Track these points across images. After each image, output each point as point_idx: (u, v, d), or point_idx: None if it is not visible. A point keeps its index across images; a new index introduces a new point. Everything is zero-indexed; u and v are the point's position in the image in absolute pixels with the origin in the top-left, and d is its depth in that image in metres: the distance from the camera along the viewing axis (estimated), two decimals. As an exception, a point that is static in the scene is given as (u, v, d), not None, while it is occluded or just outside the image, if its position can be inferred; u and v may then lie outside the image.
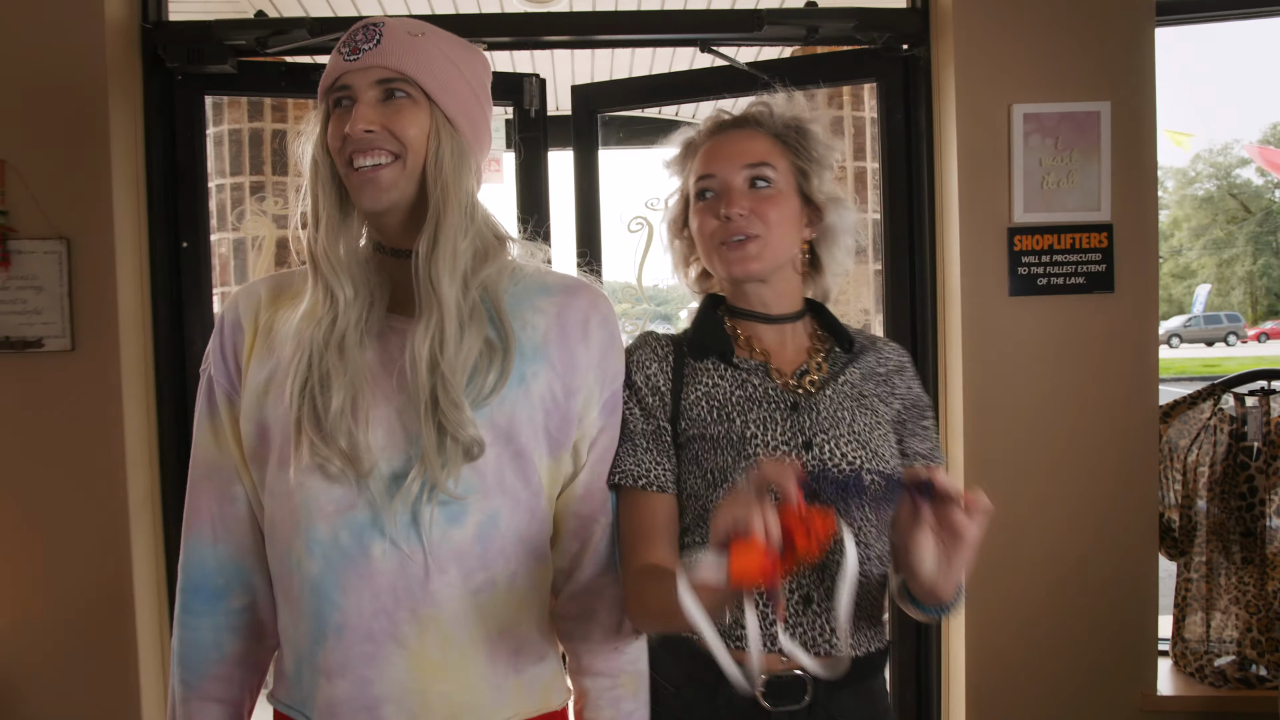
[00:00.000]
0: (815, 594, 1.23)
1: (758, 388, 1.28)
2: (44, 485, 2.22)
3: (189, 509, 1.25)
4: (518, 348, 1.17)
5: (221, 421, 1.22)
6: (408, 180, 1.13)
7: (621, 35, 2.63)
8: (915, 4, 2.49)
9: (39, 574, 2.23)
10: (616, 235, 2.74)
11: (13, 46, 2.19)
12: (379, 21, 1.15)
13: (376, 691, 1.12)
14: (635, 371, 1.31)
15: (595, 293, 1.26)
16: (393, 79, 1.12)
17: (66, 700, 2.24)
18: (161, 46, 2.38)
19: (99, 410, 2.23)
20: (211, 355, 1.24)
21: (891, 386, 1.34)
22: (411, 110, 1.13)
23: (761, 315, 1.33)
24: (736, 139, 1.32)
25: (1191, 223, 36.86)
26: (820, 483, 1.19)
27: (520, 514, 1.18)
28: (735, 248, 1.28)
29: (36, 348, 2.19)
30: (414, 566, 1.12)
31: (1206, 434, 2.41)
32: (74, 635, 2.24)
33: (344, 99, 1.14)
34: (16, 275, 2.17)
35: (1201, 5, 2.45)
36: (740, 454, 1.23)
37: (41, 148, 2.20)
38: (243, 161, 4.05)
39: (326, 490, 1.12)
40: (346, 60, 1.13)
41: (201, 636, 1.23)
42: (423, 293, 1.12)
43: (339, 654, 1.12)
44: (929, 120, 2.46)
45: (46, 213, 2.19)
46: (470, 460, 1.12)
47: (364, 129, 1.10)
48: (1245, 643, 2.38)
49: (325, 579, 1.12)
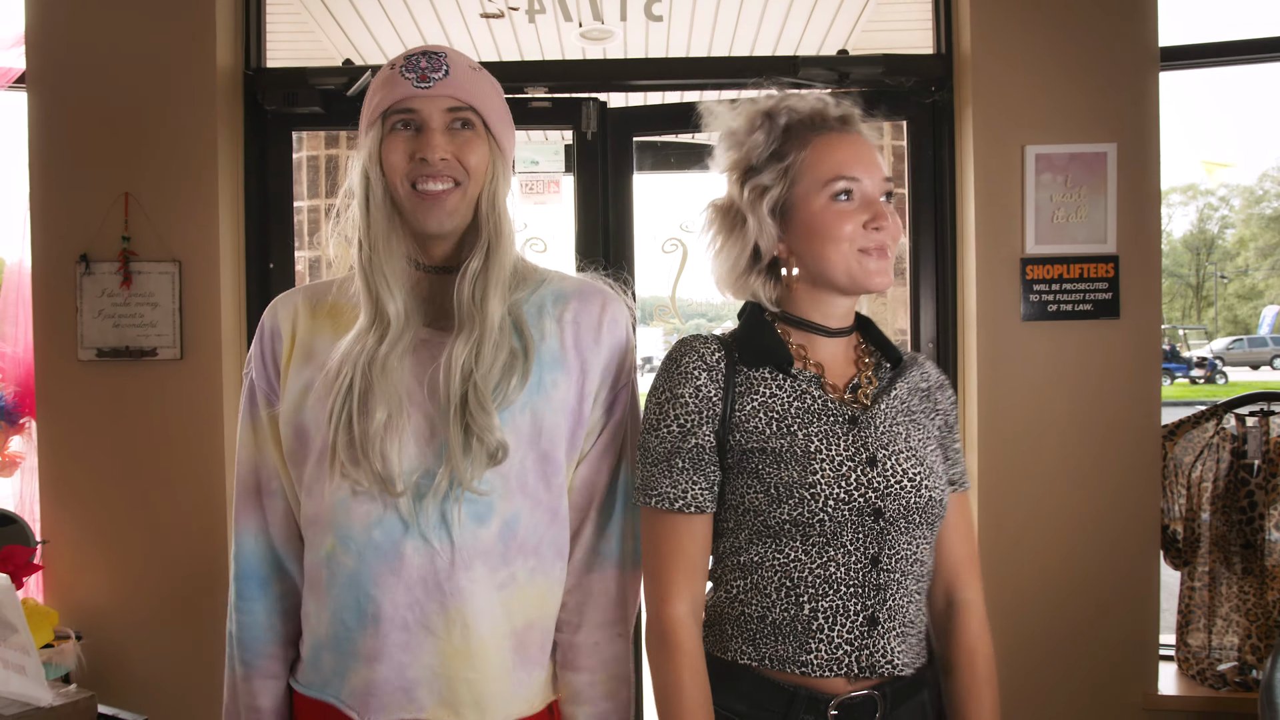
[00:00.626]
0: (880, 614, 1.21)
1: (816, 399, 1.24)
2: (152, 475, 2.52)
3: (238, 504, 1.32)
4: (538, 356, 1.23)
5: (262, 422, 1.29)
6: (467, 206, 1.21)
7: (669, 80, 2.87)
8: (940, 50, 2.71)
9: (145, 554, 2.53)
10: (650, 255, 2.91)
11: (137, 92, 2.51)
12: (441, 51, 1.21)
13: (411, 675, 1.20)
14: (681, 382, 1.24)
15: (607, 295, 1.31)
16: (461, 108, 1.20)
17: (164, 663, 2.52)
18: (261, 91, 2.68)
19: (202, 412, 2.52)
20: (253, 360, 1.31)
21: (934, 403, 1.34)
22: (476, 141, 1.21)
23: (822, 328, 1.28)
24: (859, 144, 1.27)
25: (1259, 242, 35.96)
26: (885, 500, 1.20)
27: (541, 514, 1.24)
28: (880, 258, 1.23)
29: (151, 356, 2.50)
30: (442, 562, 1.18)
31: (1209, 451, 2.58)
32: (173, 608, 2.53)
33: (409, 122, 1.20)
34: (136, 293, 2.48)
35: (1203, 52, 2.63)
36: (805, 469, 1.19)
37: (159, 180, 2.51)
38: (319, 186, 4.38)
39: (359, 502, 1.19)
40: (416, 86, 1.18)
41: (257, 620, 1.31)
42: (465, 309, 1.19)
43: (376, 641, 1.19)
44: (952, 158, 2.67)
45: (162, 238, 2.50)
46: (495, 463, 1.18)
47: (441, 156, 1.18)
48: (1245, 648, 2.53)
49: (361, 573, 1.19)
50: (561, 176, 4.33)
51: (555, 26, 3.22)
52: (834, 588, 1.19)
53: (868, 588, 1.20)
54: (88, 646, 2.40)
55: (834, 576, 1.19)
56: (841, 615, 1.19)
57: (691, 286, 3.01)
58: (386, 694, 1.20)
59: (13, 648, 1.61)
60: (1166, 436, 2.59)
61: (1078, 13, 2.47)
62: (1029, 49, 2.48)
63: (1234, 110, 73.45)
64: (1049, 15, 2.47)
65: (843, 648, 1.19)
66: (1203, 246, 38.90)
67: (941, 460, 1.29)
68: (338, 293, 1.28)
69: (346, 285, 1.27)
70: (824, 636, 1.19)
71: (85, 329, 2.49)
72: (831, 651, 1.19)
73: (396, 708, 1.20)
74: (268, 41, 2.79)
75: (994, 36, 2.49)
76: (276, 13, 2.87)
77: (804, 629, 1.20)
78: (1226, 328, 34.98)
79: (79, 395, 2.52)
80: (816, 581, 1.19)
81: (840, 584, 1.19)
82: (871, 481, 1.20)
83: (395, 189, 1.20)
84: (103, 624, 2.50)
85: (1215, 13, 41.06)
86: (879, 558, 1.20)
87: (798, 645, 1.20)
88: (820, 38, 3.48)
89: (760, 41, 3.51)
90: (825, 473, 1.19)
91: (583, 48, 3.44)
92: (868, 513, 1.19)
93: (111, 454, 2.51)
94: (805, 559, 1.20)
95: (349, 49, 3.46)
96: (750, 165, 1.27)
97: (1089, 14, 2.46)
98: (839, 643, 1.19)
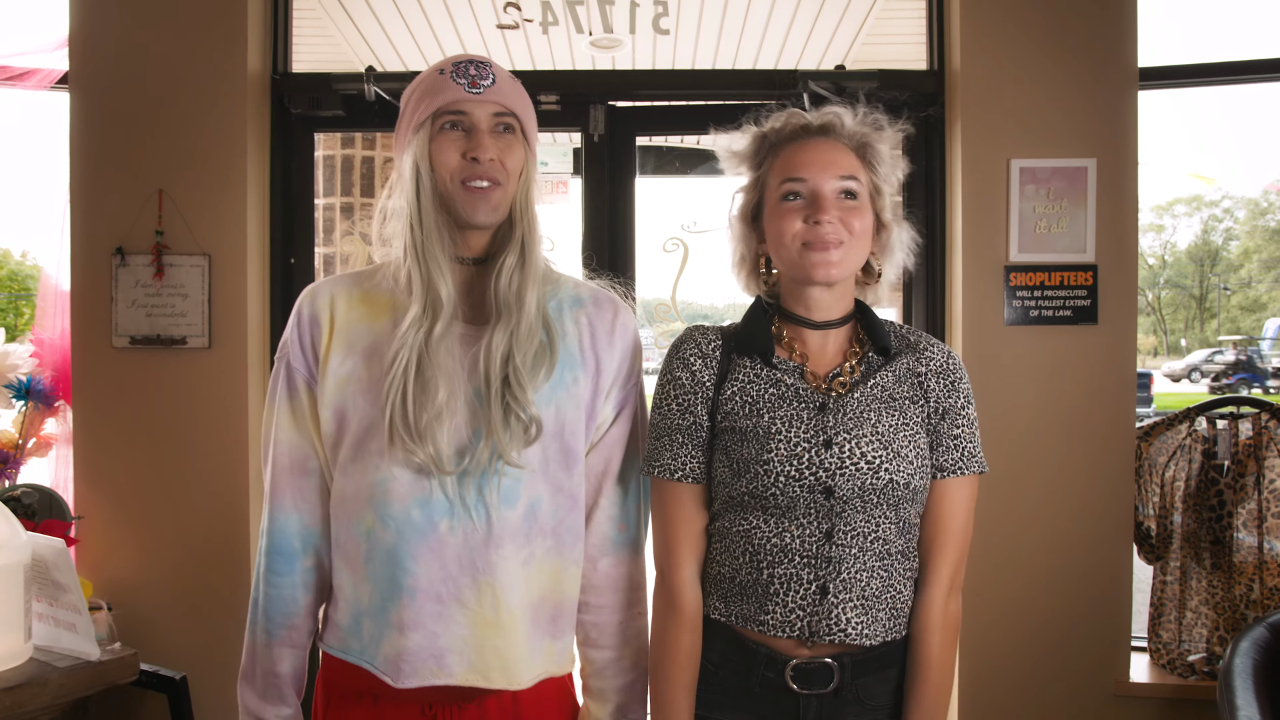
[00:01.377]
0: (831, 585, 1.30)
1: (790, 387, 1.34)
2: (180, 457, 2.66)
3: (272, 482, 1.39)
4: (562, 352, 1.35)
5: (302, 405, 1.37)
6: (507, 202, 1.32)
7: (674, 90, 3.01)
8: (933, 67, 2.84)
9: (172, 531, 2.67)
10: (652, 255, 3.04)
11: (171, 95, 2.65)
12: (487, 60, 1.34)
13: (442, 643, 1.29)
14: (679, 367, 1.39)
15: (618, 304, 1.44)
16: (505, 114, 1.32)
17: (187, 635, 2.66)
18: (287, 95, 2.83)
19: (228, 397, 2.67)
20: (290, 345, 1.37)
21: (925, 389, 1.37)
22: (516, 145, 1.33)
23: (808, 321, 1.38)
24: (823, 147, 1.35)
25: (1262, 254, 36.02)
26: (836, 479, 1.29)
27: (561, 500, 1.36)
28: (820, 250, 1.31)
29: (181, 345, 2.65)
30: (476, 540, 1.29)
31: (1182, 452, 2.72)
32: (197, 584, 2.67)
33: (458, 123, 1.30)
34: (168, 284, 2.63)
35: (1180, 73, 2.76)
36: (763, 447, 1.31)
37: (191, 177, 2.66)
38: (335, 185, 4.52)
39: (407, 477, 1.28)
40: (468, 91, 1.29)
41: (284, 593, 1.38)
42: (503, 299, 1.30)
43: (411, 612, 1.28)
44: (942, 169, 2.81)
45: (193, 232, 2.65)
46: (529, 440, 1.30)
47: (490, 156, 1.29)
48: (1213, 640, 2.67)
49: (399, 549, 1.29)
50: (569, 178, 4.48)
51: (567, 37, 3.36)
52: (789, 556, 1.31)
53: (820, 559, 1.30)
54: (118, 617, 2.54)
55: (789, 546, 1.31)
56: (795, 582, 1.30)
57: (692, 288, 3.13)
58: (419, 660, 1.29)
59: (64, 607, 1.76)
60: (1141, 437, 2.73)
61: (1062, 34, 2.61)
62: (1016, 67, 2.62)
63: (1242, 126, 73.71)
64: (1035, 36, 2.61)
65: (795, 612, 1.30)
66: (1206, 258, 38.96)
67: (918, 444, 1.34)
68: (367, 283, 1.38)
69: (374, 276, 1.38)
70: (779, 600, 1.31)
71: (119, 318, 2.64)
72: (785, 615, 1.30)
73: (428, 673, 1.29)
74: (293, 47, 2.94)
75: (983, 55, 2.64)
76: (302, 20, 3.02)
77: (763, 591, 1.32)
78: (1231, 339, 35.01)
79: (113, 381, 2.67)
80: (773, 550, 1.31)
81: (795, 553, 1.30)
82: (824, 462, 1.29)
83: (444, 184, 1.30)
84: (132, 596, 2.64)
85: (1199, 35, 41.09)
86: (832, 532, 1.30)
87: (757, 606, 1.32)
88: (821, 51, 3.61)
89: (763, 54, 3.65)
90: (779, 451, 1.30)
91: (592, 56, 3.58)
92: (819, 490, 1.29)
93: (142, 436, 2.66)
94: (764, 528, 1.32)
95: (369, 55, 3.60)
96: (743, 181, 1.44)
97: (1073, 35, 2.60)
98: (792, 607, 1.30)
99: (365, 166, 4.55)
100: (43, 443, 2.81)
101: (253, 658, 1.40)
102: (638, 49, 3.59)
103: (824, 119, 1.38)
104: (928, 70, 2.85)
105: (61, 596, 1.75)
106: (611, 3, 3.20)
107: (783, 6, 3.31)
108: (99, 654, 1.74)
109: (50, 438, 2.82)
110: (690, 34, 3.46)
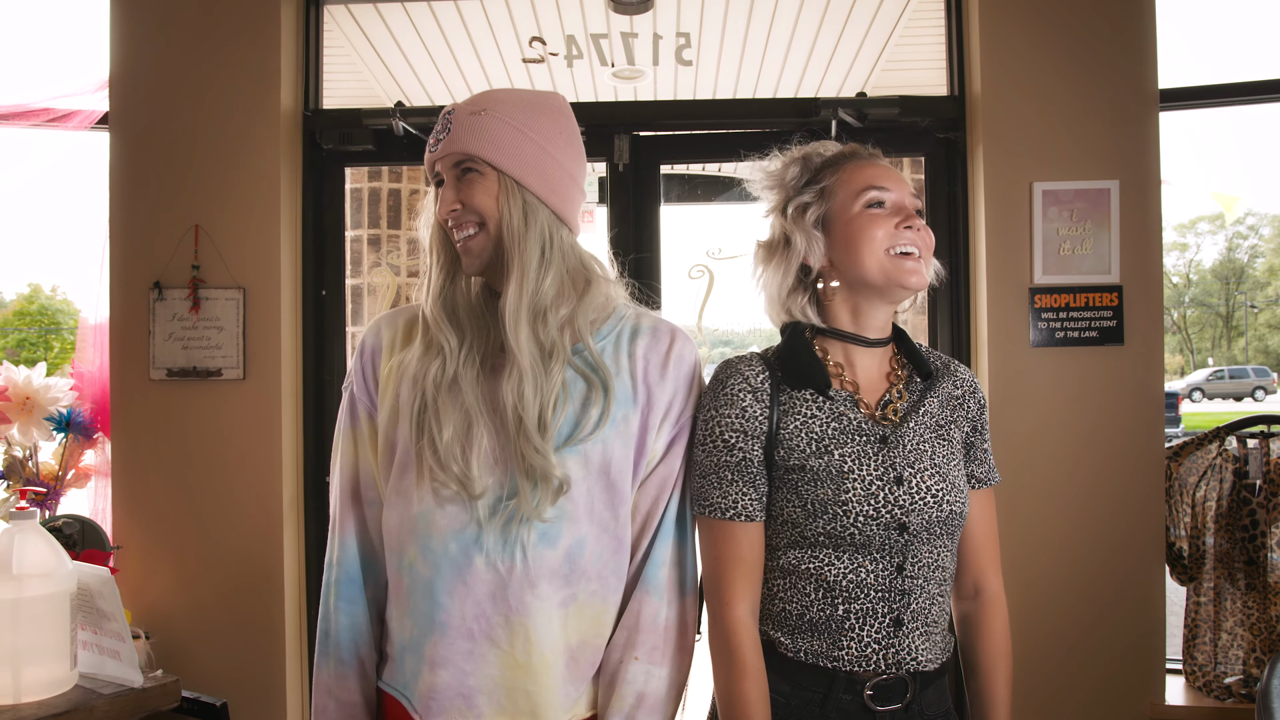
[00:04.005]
0: (904, 616, 1.32)
1: (850, 420, 1.34)
2: (216, 487, 2.71)
3: (340, 509, 1.39)
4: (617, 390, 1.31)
5: (362, 433, 1.38)
6: (493, 243, 1.30)
7: (696, 120, 3.05)
8: (954, 92, 2.87)
9: (209, 560, 2.71)
10: (678, 282, 3.07)
11: (208, 133, 2.73)
12: (451, 109, 1.32)
13: (472, 683, 1.27)
14: (727, 406, 1.34)
15: (676, 333, 1.38)
16: (462, 159, 1.29)
17: (225, 663, 2.70)
18: (318, 131, 2.90)
19: (262, 428, 2.71)
20: (354, 375, 1.40)
21: (966, 410, 1.42)
22: (480, 183, 1.28)
23: (861, 339, 1.38)
24: (888, 167, 1.40)
25: (1293, 270, 35.72)
26: (909, 515, 1.31)
27: (606, 540, 1.31)
28: (912, 258, 1.33)
29: (216, 376, 2.70)
30: (510, 579, 1.26)
31: (1213, 472, 2.70)
32: (234, 612, 2.71)
33: (439, 180, 1.33)
34: (204, 317, 2.69)
35: (1201, 94, 2.78)
36: (839, 487, 1.30)
37: (226, 213, 2.72)
38: (363, 217, 4.60)
39: (443, 509, 1.27)
40: (431, 152, 1.32)
41: (355, 621, 1.38)
42: (508, 344, 1.27)
43: (443, 648, 1.27)
44: (965, 192, 2.83)
45: (229, 266, 2.71)
46: (560, 495, 1.26)
47: (450, 209, 1.29)
48: (1250, 661, 2.64)
49: (435, 583, 1.27)
50: (595, 207, 4.52)
51: (590, 69, 3.42)
52: (864, 592, 1.31)
53: (894, 592, 1.31)
54: (156, 645, 2.58)
55: (864, 582, 1.31)
56: (870, 617, 1.31)
57: (717, 314, 3.16)
58: (447, 699, 1.27)
59: (108, 634, 1.79)
60: (1171, 458, 2.72)
61: (1083, 57, 2.63)
62: (1037, 91, 2.64)
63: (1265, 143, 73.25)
64: (1056, 59, 2.64)
65: (871, 645, 1.31)
66: (1232, 276, 38.59)
67: (963, 470, 1.39)
68: (415, 314, 1.41)
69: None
70: (855, 635, 1.31)
71: (157, 350, 2.70)
72: (861, 649, 1.31)
73: (455, 712, 1.27)
74: (324, 85, 3.01)
75: (1004, 79, 2.66)
76: (332, 58, 3.09)
77: (837, 627, 1.32)
78: (1256, 359, 34.59)
79: (150, 412, 2.72)
80: (849, 585, 1.31)
81: (870, 589, 1.31)
82: (898, 499, 1.30)
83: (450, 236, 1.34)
84: (170, 624, 2.68)
85: (1219, 56, 41.08)
86: (904, 565, 1.32)
87: (831, 642, 1.32)
88: (841, 78, 3.66)
89: (784, 82, 3.70)
90: (856, 491, 1.29)
91: (614, 87, 3.64)
92: (894, 527, 1.30)
93: (179, 466, 2.71)
94: (838, 564, 1.32)
95: (396, 91, 3.68)
96: (789, 196, 1.42)
97: (1093, 58, 2.63)
98: (868, 641, 1.31)
99: (392, 199, 4.62)
100: (81, 474, 2.86)
101: (326, 691, 1.38)
102: (659, 79, 3.65)
103: (871, 149, 1.43)
104: (949, 95, 2.88)
105: (105, 624, 1.78)
106: (635, 36, 3.26)
107: (803, 35, 3.36)
108: (142, 681, 1.77)
109: (89, 469, 2.87)
110: (711, 64, 3.52)
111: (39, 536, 1.69)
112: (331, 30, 3.08)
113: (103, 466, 2.85)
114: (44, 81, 2.77)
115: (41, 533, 1.69)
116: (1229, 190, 32.78)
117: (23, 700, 1.67)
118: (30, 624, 1.66)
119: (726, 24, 3.29)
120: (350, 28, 3.29)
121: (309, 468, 2.88)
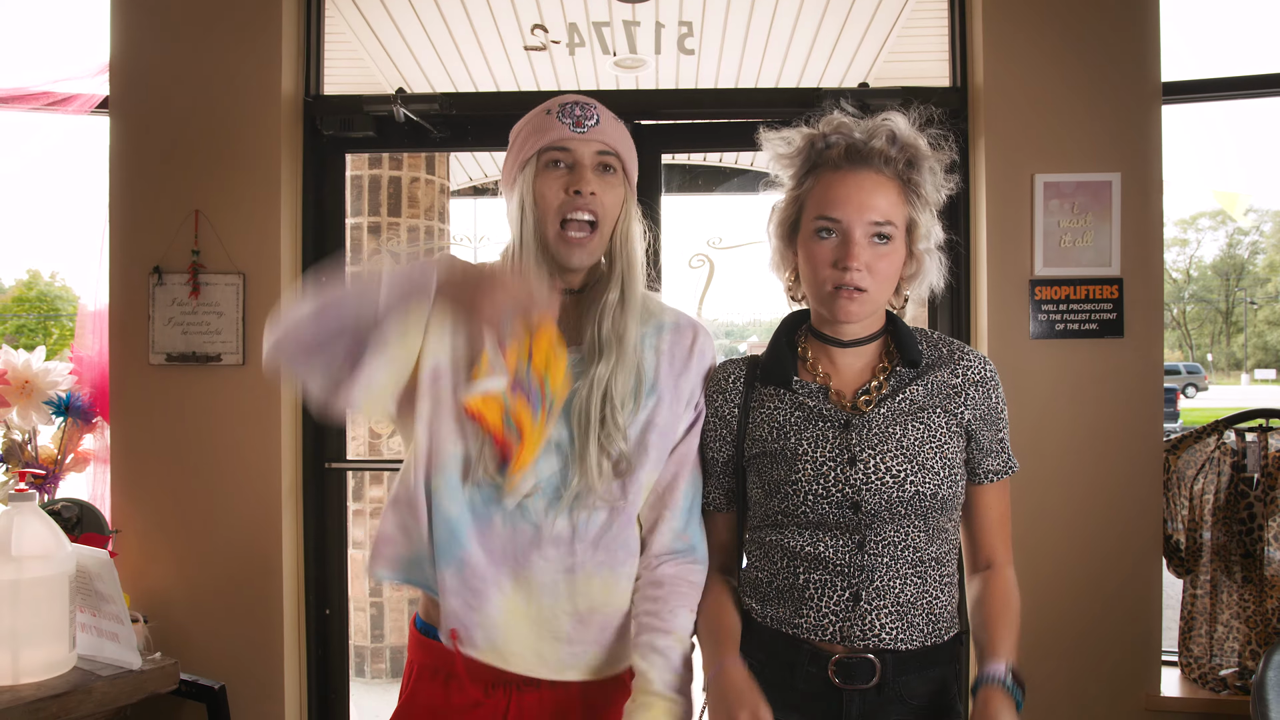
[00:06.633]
0: (864, 592, 1.35)
1: (814, 409, 1.39)
2: (215, 471, 2.71)
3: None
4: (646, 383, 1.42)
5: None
6: (600, 244, 1.40)
7: (699, 109, 3.04)
8: (956, 84, 2.87)
9: (207, 544, 2.72)
10: (678, 271, 3.10)
11: (208, 117, 2.72)
12: (592, 101, 1.41)
13: (476, 617, 1.37)
14: (705, 403, 1.48)
15: (698, 328, 1.50)
16: (608, 153, 1.39)
17: (223, 646, 2.70)
18: (319, 116, 2.89)
19: (261, 414, 2.71)
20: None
21: (964, 398, 1.40)
22: (617, 184, 1.41)
23: (834, 340, 1.42)
24: (864, 183, 1.34)
25: (1290, 267, 35.72)
26: (862, 495, 1.33)
27: (615, 517, 1.40)
28: (844, 295, 1.34)
29: (216, 362, 2.70)
30: (521, 540, 1.37)
31: (1211, 465, 2.71)
32: (232, 596, 2.71)
33: (561, 160, 1.38)
34: (204, 302, 2.68)
35: (1204, 87, 2.77)
36: (791, 468, 1.36)
37: (226, 198, 2.72)
38: (363, 204, 4.59)
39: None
40: (572, 130, 1.37)
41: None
42: (605, 337, 1.38)
43: (457, 580, 1.36)
44: (966, 184, 2.83)
45: (228, 251, 2.71)
46: (618, 475, 1.38)
47: (590, 191, 1.36)
48: (1245, 654, 2.65)
49: (460, 523, 1.36)
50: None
51: (592, 59, 3.41)
52: (823, 564, 1.36)
53: (853, 568, 1.35)
54: (154, 629, 2.58)
55: (823, 555, 1.36)
56: (829, 589, 1.36)
57: (718, 303, 3.16)
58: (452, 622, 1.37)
59: (107, 617, 1.80)
60: (1169, 450, 2.73)
61: (1085, 49, 2.63)
62: (1039, 83, 2.64)
63: (1268, 139, 73.25)
64: (1058, 52, 2.64)
65: (829, 617, 1.35)
66: (1232, 272, 38.59)
67: (949, 455, 1.37)
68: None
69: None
70: (814, 605, 1.37)
71: (156, 335, 2.70)
72: (819, 619, 1.36)
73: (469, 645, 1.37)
74: (325, 70, 3.00)
75: (1006, 71, 2.66)
76: (333, 44, 3.09)
77: (799, 596, 1.38)
78: (1257, 355, 34.62)
79: (149, 397, 2.72)
80: (809, 557, 1.37)
81: (829, 562, 1.36)
82: (849, 479, 1.34)
83: (545, 226, 1.38)
84: (168, 608, 2.69)
85: (1223, 49, 41.06)
86: (864, 543, 1.35)
87: (792, 609, 1.38)
88: (843, 69, 3.65)
89: (786, 73, 3.69)
90: (806, 471, 1.35)
91: (616, 75, 3.63)
92: (846, 506, 1.34)
93: (178, 451, 2.71)
94: (799, 539, 1.38)
95: (397, 78, 3.66)
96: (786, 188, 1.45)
97: (1095, 50, 2.62)
98: (825, 612, 1.36)
99: (392, 186, 4.61)
100: (80, 458, 2.86)
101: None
102: (661, 68, 3.64)
103: (874, 146, 1.37)
104: (950, 87, 2.87)
105: (104, 607, 1.79)
106: (638, 24, 3.25)
107: (805, 26, 3.35)
108: (140, 663, 1.78)
109: (88, 453, 2.87)
110: (713, 54, 3.51)
111: (38, 519, 1.69)
112: (333, 16, 3.07)
113: (102, 451, 2.86)
114: (44, 65, 2.76)
115: (40, 515, 1.70)
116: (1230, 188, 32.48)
117: (21, 681, 1.68)
118: (29, 606, 1.67)
119: (729, 13, 3.28)
120: (351, 14, 3.28)
121: (308, 453, 2.88)
